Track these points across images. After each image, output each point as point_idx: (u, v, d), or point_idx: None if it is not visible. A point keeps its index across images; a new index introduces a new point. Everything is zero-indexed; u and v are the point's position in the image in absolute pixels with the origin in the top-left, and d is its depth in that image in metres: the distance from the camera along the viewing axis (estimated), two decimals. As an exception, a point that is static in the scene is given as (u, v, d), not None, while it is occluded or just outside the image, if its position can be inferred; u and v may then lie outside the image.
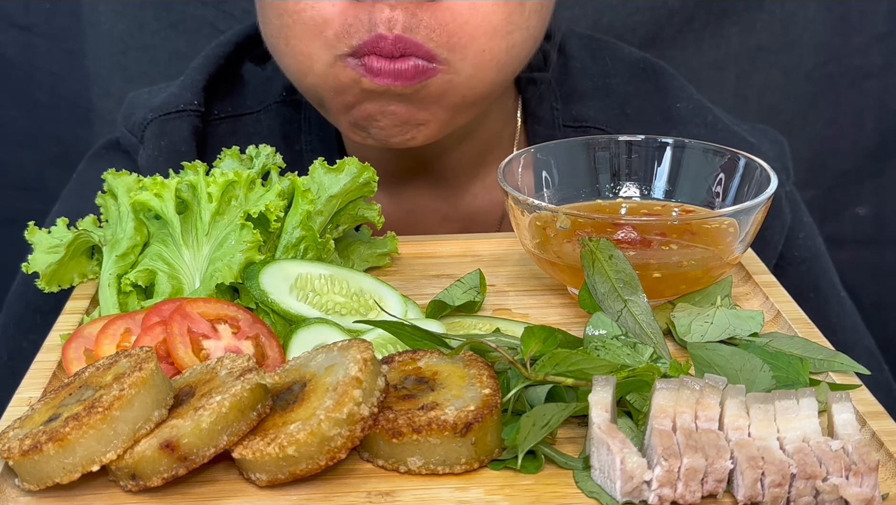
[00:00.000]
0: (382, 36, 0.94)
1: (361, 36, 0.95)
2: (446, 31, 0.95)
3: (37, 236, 0.92)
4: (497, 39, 0.97)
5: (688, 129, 1.16)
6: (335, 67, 0.97)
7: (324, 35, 0.96)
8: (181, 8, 1.58)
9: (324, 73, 0.98)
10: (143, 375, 0.69)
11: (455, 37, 0.95)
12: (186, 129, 1.13)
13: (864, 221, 1.73)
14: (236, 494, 0.69)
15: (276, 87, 1.19)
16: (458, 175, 1.18)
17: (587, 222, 0.88)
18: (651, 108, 1.19)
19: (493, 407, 0.71)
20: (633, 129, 1.17)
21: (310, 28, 0.97)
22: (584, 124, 1.17)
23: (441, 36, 0.95)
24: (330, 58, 0.97)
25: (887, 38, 1.63)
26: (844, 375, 0.80)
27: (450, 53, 0.96)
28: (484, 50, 0.97)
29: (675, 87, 1.21)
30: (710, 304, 0.89)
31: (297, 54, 1.00)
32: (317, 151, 1.16)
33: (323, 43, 0.97)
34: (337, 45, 0.96)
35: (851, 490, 0.66)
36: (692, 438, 0.68)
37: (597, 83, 1.20)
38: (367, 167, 0.94)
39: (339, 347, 0.74)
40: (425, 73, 0.96)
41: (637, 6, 1.60)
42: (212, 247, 0.89)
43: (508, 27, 0.97)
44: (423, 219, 1.19)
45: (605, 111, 1.18)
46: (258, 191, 0.90)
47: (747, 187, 0.94)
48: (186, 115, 1.14)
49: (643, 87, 1.21)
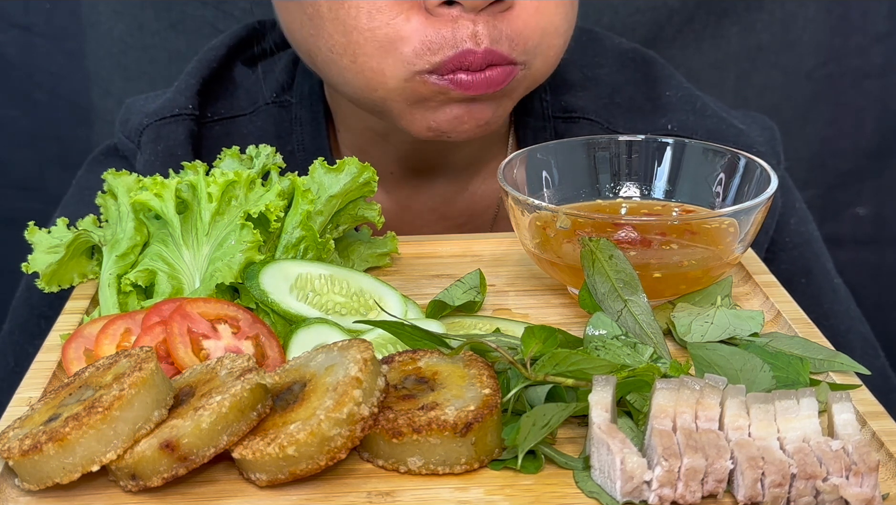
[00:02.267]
0: (471, 51, 0.95)
1: (446, 52, 0.95)
2: (522, 37, 0.98)
3: (37, 236, 0.92)
4: (559, 37, 1.02)
5: (677, 115, 1.17)
6: (412, 83, 0.97)
7: (400, 52, 0.96)
8: (181, 8, 1.58)
9: (398, 88, 0.98)
10: (143, 375, 0.69)
11: (531, 41, 0.99)
12: (182, 132, 1.13)
13: (864, 221, 1.73)
14: (236, 494, 0.69)
15: (267, 89, 1.19)
16: (457, 173, 1.18)
17: (587, 222, 0.88)
18: (640, 96, 1.20)
19: (493, 407, 0.71)
20: (622, 117, 1.17)
21: (384, 46, 0.96)
22: (573, 115, 1.18)
23: (521, 44, 0.98)
24: (406, 73, 0.97)
25: (887, 38, 1.63)
26: (844, 374, 0.80)
27: (526, 56, 0.99)
28: (550, 46, 1.02)
29: (663, 76, 1.22)
30: (711, 304, 0.89)
31: (366, 71, 0.99)
32: (308, 151, 1.16)
33: (397, 60, 0.96)
34: (415, 63, 0.96)
35: (851, 490, 0.66)
36: (692, 438, 0.68)
37: (586, 73, 1.21)
38: (367, 167, 0.94)
39: (339, 347, 0.74)
40: (511, 74, 0.99)
41: (637, 6, 1.60)
42: (212, 247, 0.89)
43: (566, 24, 1.03)
44: (420, 216, 1.19)
45: (594, 101, 1.19)
46: (258, 191, 0.90)
47: (747, 187, 0.94)
48: (181, 119, 1.14)
49: (632, 76, 1.22)
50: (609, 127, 1.17)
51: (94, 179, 1.04)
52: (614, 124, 1.17)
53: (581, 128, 1.17)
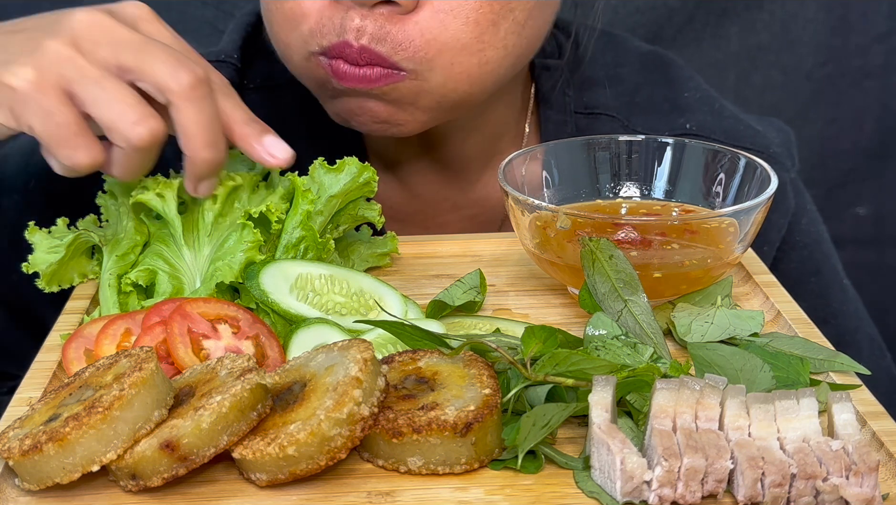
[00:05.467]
0: (348, 43, 0.95)
1: (330, 38, 0.96)
2: (412, 46, 0.96)
3: (37, 236, 0.92)
4: (466, 56, 0.98)
5: (695, 116, 1.18)
6: (310, 62, 1.00)
7: (299, 29, 0.98)
8: (181, 8, 1.58)
9: (301, 65, 1.01)
10: (143, 375, 0.69)
11: (421, 52, 0.96)
12: (226, 77, 1.13)
13: (864, 221, 1.73)
14: (236, 494, 0.69)
15: None
16: (468, 163, 1.18)
17: (587, 222, 0.88)
18: (659, 96, 1.21)
19: (493, 407, 0.71)
20: (641, 116, 1.18)
21: (289, 20, 0.99)
22: (594, 111, 1.19)
23: (406, 51, 0.96)
24: (305, 52, 0.99)
25: (887, 38, 1.64)
26: (845, 375, 0.80)
27: (415, 65, 0.97)
28: (452, 63, 0.98)
29: (683, 77, 1.23)
30: (711, 304, 0.89)
31: (278, 42, 1.02)
32: (332, 126, 1.15)
33: (299, 37, 0.99)
34: (309, 42, 0.98)
35: (852, 490, 0.66)
36: (692, 438, 0.68)
37: (608, 72, 1.22)
38: (366, 167, 0.94)
39: (339, 347, 0.74)
40: (391, 78, 0.97)
41: (637, 6, 1.60)
42: (213, 247, 0.89)
43: (479, 45, 0.98)
44: (434, 206, 1.20)
45: (615, 99, 1.20)
46: (261, 193, 0.90)
47: (747, 187, 0.94)
48: (226, 65, 1.16)
49: (652, 76, 1.23)
50: (628, 125, 1.18)
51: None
52: (634, 123, 1.18)
53: (602, 124, 1.18)
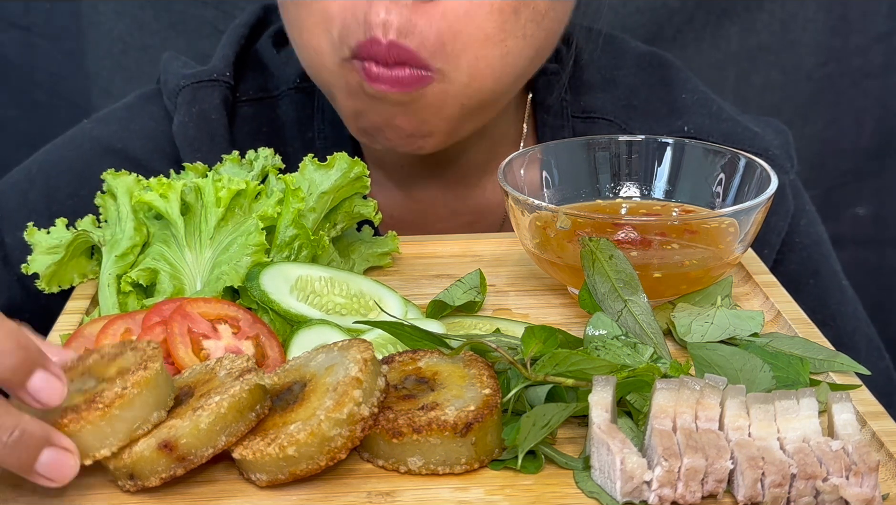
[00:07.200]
0: (377, 40, 0.94)
1: (358, 37, 0.95)
2: (440, 39, 0.95)
3: (36, 236, 0.92)
4: (490, 47, 0.97)
5: (693, 118, 1.17)
6: (344, 68, 0.98)
7: (330, 33, 0.97)
8: (181, 8, 1.58)
9: (336, 72, 0.99)
10: (147, 374, 0.69)
11: (448, 45, 0.95)
12: (218, 97, 1.14)
13: (864, 221, 1.73)
14: (236, 494, 0.69)
15: (291, 73, 1.19)
16: (467, 170, 1.18)
17: (587, 222, 0.88)
18: (657, 99, 1.21)
19: (494, 407, 0.71)
20: (639, 119, 1.18)
21: (319, 23, 0.97)
22: (591, 115, 1.18)
23: (434, 44, 0.95)
24: (337, 58, 0.98)
25: (887, 38, 1.63)
26: (845, 375, 0.80)
27: (443, 63, 0.96)
28: (477, 58, 0.97)
29: (680, 79, 1.22)
30: (711, 304, 0.89)
31: (308, 49, 1.00)
32: (329, 139, 1.16)
33: (330, 42, 0.97)
34: (340, 47, 0.97)
35: (852, 490, 0.66)
36: (692, 439, 0.68)
37: (605, 75, 1.21)
38: (357, 162, 0.94)
39: (339, 347, 0.74)
40: (421, 81, 0.96)
41: (637, 6, 1.60)
42: (215, 251, 0.89)
43: (501, 35, 0.97)
44: (433, 212, 1.20)
45: (612, 102, 1.19)
46: (262, 201, 0.90)
47: (747, 187, 0.94)
48: (218, 84, 1.14)
49: (649, 79, 1.22)
50: (626, 128, 1.17)
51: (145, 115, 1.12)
52: (631, 126, 1.17)
53: (599, 128, 1.18)
